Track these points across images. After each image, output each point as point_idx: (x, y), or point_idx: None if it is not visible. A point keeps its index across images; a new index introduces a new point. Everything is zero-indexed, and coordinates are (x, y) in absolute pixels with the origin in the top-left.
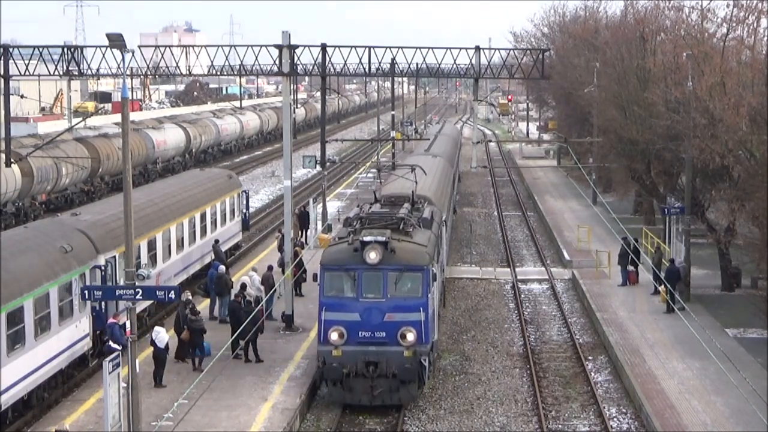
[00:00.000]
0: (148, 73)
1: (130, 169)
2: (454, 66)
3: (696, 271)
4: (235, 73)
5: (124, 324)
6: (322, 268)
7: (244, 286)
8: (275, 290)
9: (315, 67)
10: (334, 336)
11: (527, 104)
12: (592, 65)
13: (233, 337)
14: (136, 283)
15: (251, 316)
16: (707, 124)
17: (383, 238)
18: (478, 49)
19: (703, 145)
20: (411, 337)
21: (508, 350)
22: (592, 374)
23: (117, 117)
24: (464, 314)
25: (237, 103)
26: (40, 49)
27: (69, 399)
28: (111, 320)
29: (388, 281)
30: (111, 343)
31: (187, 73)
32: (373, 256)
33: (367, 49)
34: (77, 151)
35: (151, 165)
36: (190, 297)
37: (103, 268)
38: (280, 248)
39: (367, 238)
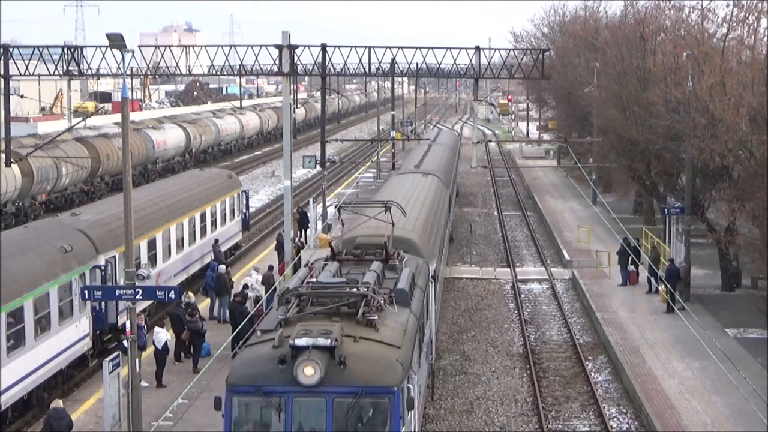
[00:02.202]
0: (148, 73)
1: (130, 169)
2: (454, 66)
3: (696, 271)
4: (235, 73)
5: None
6: (229, 391)
7: (246, 287)
8: (275, 290)
9: (315, 67)
10: None
11: (527, 104)
12: (592, 65)
13: (232, 335)
14: (136, 283)
15: (250, 316)
16: (707, 124)
17: (327, 342)
18: (478, 49)
19: (703, 145)
20: None
21: (508, 350)
22: (592, 374)
23: (117, 117)
24: (464, 314)
25: (237, 103)
26: (40, 49)
27: (69, 399)
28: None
29: (334, 413)
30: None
31: (187, 73)
32: (310, 372)
33: (367, 49)
34: (77, 151)
35: (151, 165)
36: (192, 300)
37: (103, 268)
38: (278, 249)
39: (301, 342)
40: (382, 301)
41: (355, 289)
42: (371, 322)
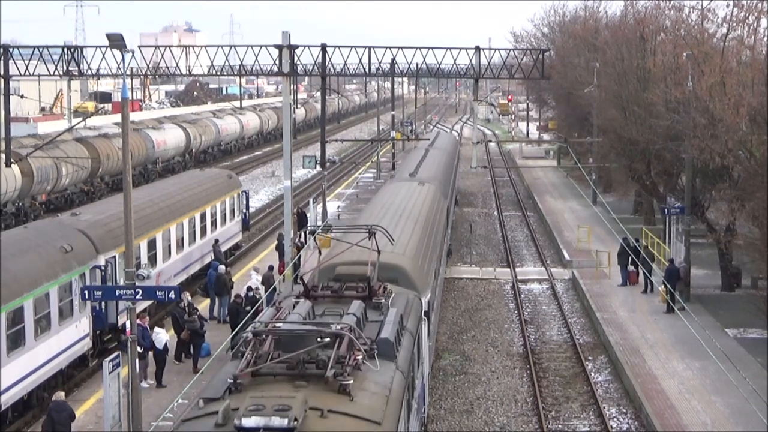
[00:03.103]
0: (148, 73)
1: (130, 169)
2: (454, 66)
3: (696, 271)
4: (235, 73)
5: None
6: None
7: (250, 290)
8: (275, 290)
9: (315, 67)
10: None
11: (527, 104)
12: (592, 65)
13: (232, 335)
14: (136, 283)
15: (248, 316)
16: (707, 124)
17: (284, 422)
18: (478, 49)
19: (703, 145)
20: None
21: (508, 350)
22: (592, 374)
23: (117, 117)
24: (464, 314)
25: (237, 103)
26: (40, 49)
27: (69, 399)
28: (138, 321)
29: None
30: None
31: (187, 73)
32: None
33: (367, 49)
34: (77, 151)
35: (151, 165)
36: (189, 299)
37: (103, 268)
38: (278, 249)
39: (249, 423)
40: (361, 357)
41: (328, 339)
42: (344, 388)
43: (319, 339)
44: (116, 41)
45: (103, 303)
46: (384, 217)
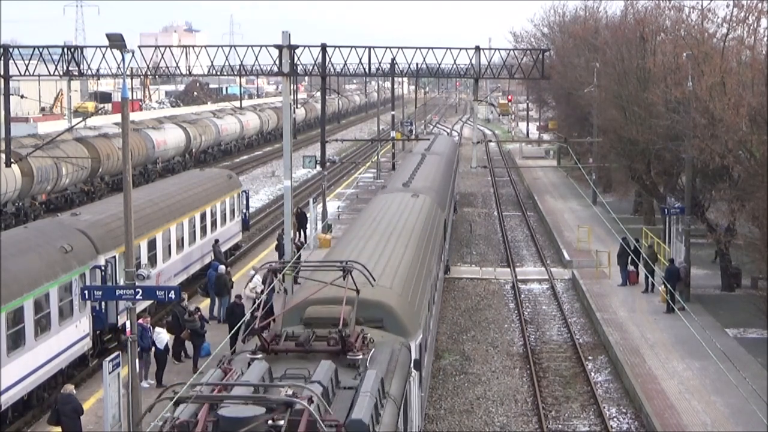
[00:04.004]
0: (148, 73)
1: (130, 169)
2: (454, 66)
3: (696, 271)
4: (235, 73)
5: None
6: None
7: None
8: (273, 289)
9: (315, 67)
10: None
11: (527, 104)
12: (592, 65)
13: (230, 335)
14: (136, 283)
15: (247, 316)
16: (707, 124)
17: None
18: (478, 49)
19: (703, 145)
20: None
21: (508, 350)
22: (592, 374)
23: (117, 117)
24: (464, 314)
25: (237, 103)
26: (40, 49)
27: None
28: (139, 321)
29: None
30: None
31: (187, 73)
32: None
33: (367, 49)
34: (77, 151)
35: (151, 165)
36: (186, 302)
37: (103, 268)
38: (278, 249)
39: None
40: None
41: (282, 423)
42: None
43: (270, 422)
44: (116, 41)
45: (103, 303)
46: (370, 238)
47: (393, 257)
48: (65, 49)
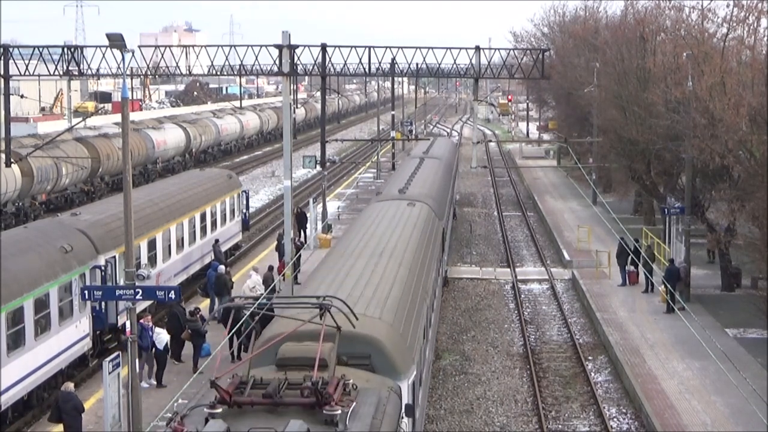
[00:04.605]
0: (148, 73)
1: (130, 169)
2: (454, 66)
3: (696, 271)
4: (235, 73)
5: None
6: None
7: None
8: (274, 290)
9: (315, 67)
10: None
11: (527, 104)
12: (592, 65)
13: (228, 335)
14: (136, 283)
15: (246, 317)
16: (707, 124)
17: None
18: (478, 49)
19: (703, 145)
20: None
21: (508, 350)
22: (592, 374)
23: (117, 117)
24: (464, 314)
25: (237, 103)
26: (40, 49)
27: None
28: (140, 321)
29: None
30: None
31: (187, 73)
32: None
33: (367, 49)
34: (77, 151)
35: (151, 165)
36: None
37: (103, 268)
38: (278, 249)
39: None
40: None
41: None
42: None
43: None
44: (116, 41)
45: (103, 303)
46: (359, 257)
47: (384, 280)
48: (65, 49)
